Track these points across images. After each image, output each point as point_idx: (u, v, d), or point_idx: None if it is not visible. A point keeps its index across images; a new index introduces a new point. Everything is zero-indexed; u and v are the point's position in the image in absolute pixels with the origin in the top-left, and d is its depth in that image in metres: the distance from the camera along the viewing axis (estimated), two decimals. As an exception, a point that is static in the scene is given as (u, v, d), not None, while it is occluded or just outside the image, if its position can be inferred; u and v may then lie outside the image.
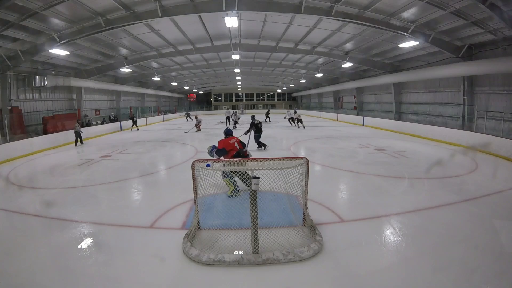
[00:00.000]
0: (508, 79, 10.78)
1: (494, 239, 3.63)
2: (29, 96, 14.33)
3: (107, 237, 3.82)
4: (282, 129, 17.62)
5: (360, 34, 12.59)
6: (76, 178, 6.91)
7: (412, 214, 4.37)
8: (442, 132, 11.87)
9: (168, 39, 14.09)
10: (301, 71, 24.80)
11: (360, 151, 9.73)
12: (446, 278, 2.81)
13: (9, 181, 6.86)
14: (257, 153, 9.55)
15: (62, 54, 12.05)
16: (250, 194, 3.21)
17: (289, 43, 15.64)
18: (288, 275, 2.92)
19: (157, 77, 23.50)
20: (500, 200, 4.96)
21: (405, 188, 5.89)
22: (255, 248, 3.21)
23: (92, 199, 5.38)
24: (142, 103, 27.91)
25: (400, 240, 3.61)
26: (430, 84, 15.41)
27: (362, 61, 17.14)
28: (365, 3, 9.44)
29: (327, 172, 7.19)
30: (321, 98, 33.80)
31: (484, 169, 7.15)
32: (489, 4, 7.80)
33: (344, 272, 2.97)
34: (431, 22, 10.20)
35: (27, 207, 4.95)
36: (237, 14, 9.86)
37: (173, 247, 3.43)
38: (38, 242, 3.71)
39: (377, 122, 17.80)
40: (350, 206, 4.85)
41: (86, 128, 15.83)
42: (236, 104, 45.25)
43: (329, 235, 3.63)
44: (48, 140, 11.84)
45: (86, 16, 9.73)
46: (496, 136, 9.30)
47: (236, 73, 27.28)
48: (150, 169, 7.76)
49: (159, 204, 4.87)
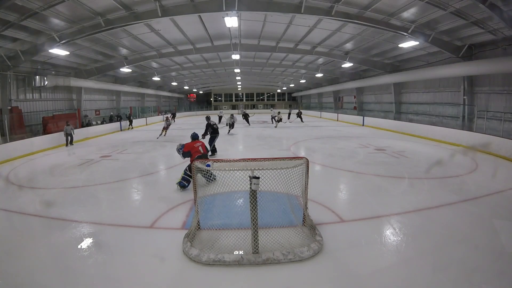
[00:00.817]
0: (508, 79, 10.78)
1: (494, 239, 3.63)
2: (29, 96, 14.32)
3: (107, 237, 3.82)
4: (282, 129, 17.62)
5: (360, 34, 12.59)
6: (76, 178, 6.91)
7: (412, 214, 4.38)
8: (442, 132, 11.87)
9: (168, 39, 14.09)
10: (301, 71, 24.80)
11: (360, 151, 9.73)
12: (446, 278, 2.81)
13: (9, 181, 6.86)
14: (257, 153, 9.54)
15: (62, 54, 12.05)
16: (250, 194, 3.21)
17: (289, 43, 15.64)
18: (288, 275, 2.92)
19: (157, 77, 23.51)
20: (500, 200, 4.96)
21: (405, 188, 5.89)
22: (255, 248, 3.21)
23: (92, 199, 5.38)
24: (142, 103, 27.91)
25: (400, 240, 3.61)
26: (430, 84, 15.41)
27: (362, 61, 17.14)
28: (365, 3, 9.44)
29: (327, 172, 7.19)
30: (321, 98, 33.81)
31: (484, 169, 7.15)
32: (489, 4, 7.79)
33: (344, 272, 2.97)
34: (431, 22, 10.20)
35: (27, 207, 4.95)
36: (237, 14, 9.86)
37: (173, 247, 3.43)
38: (38, 242, 3.71)
39: (377, 122, 17.81)
40: (350, 206, 4.85)
41: (86, 128, 15.85)
42: (236, 104, 45.26)
43: (329, 235, 3.63)
44: (48, 140, 11.84)
45: (86, 16, 9.73)
46: (496, 136, 9.30)
47: (236, 73, 27.28)
48: (150, 169, 7.76)
49: (159, 204, 4.87)
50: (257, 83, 38.40)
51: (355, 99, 24.20)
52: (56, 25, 10.10)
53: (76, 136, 13.91)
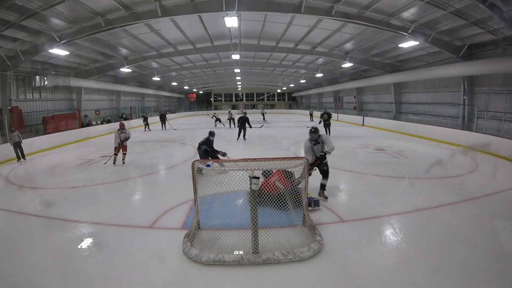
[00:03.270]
0: (508, 79, 10.77)
1: (494, 239, 3.63)
2: (29, 96, 14.31)
3: (107, 237, 3.82)
4: (282, 129, 17.60)
5: (360, 34, 12.59)
6: (76, 178, 6.91)
7: (412, 214, 4.37)
8: (442, 132, 11.87)
9: (168, 39, 14.09)
10: (301, 71, 24.80)
11: (360, 151, 9.73)
12: (446, 278, 2.80)
13: (9, 181, 6.86)
14: (257, 153, 9.54)
15: (62, 54, 12.04)
16: (250, 194, 3.21)
17: (289, 43, 15.63)
18: (288, 275, 2.92)
19: (157, 77, 23.51)
20: (500, 200, 4.96)
21: (405, 188, 5.89)
22: (255, 248, 3.21)
23: (92, 199, 5.38)
24: (142, 103, 27.90)
25: (400, 240, 3.61)
26: (430, 84, 15.40)
27: (362, 61, 17.14)
28: (365, 3, 9.43)
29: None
30: (321, 98, 33.77)
31: (484, 169, 7.15)
32: (489, 4, 7.79)
33: (344, 272, 2.97)
34: (431, 22, 10.20)
35: (27, 207, 4.95)
36: (237, 14, 9.85)
37: (173, 247, 3.43)
38: (38, 242, 3.71)
39: (377, 122, 17.80)
40: (350, 206, 4.84)
41: (86, 128, 15.85)
42: (236, 104, 45.26)
43: (329, 235, 3.63)
44: (48, 140, 11.84)
45: (86, 16, 9.73)
46: (496, 136, 9.31)
47: (236, 73, 27.28)
48: (150, 169, 7.75)
49: (159, 204, 4.87)
50: (257, 83, 38.40)
51: (355, 99, 24.19)
52: (56, 25, 10.10)
53: (77, 136, 13.91)
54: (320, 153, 4.97)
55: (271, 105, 44.01)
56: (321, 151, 4.99)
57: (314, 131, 4.96)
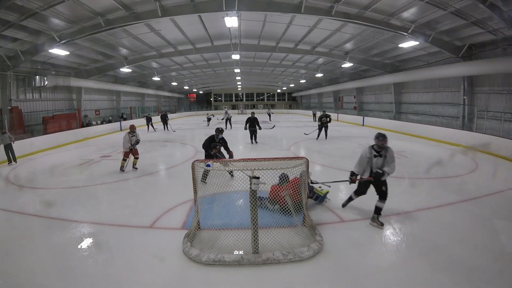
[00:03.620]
0: (508, 79, 10.77)
1: (494, 239, 3.63)
2: (29, 96, 14.32)
3: (107, 237, 3.82)
4: (282, 129, 17.59)
5: (360, 34, 12.59)
6: (76, 178, 6.91)
7: (412, 214, 4.38)
8: (442, 132, 11.87)
9: (168, 39, 14.09)
10: (301, 71, 24.79)
11: (360, 151, 9.71)
12: (446, 278, 2.81)
13: (9, 181, 6.86)
14: (257, 153, 9.54)
15: (62, 54, 12.04)
16: (250, 194, 3.21)
17: (289, 43, 15.63)
18: (288, 275, 2.92)
19: (157, 77, 23.51)
20: (500, 200, 4.96)
21: (405, 188, 5.88)
22: (255, 248, 3.21)
23: (92, 199, 5.38)
24: (142, 103, 27.90)
25: (400, 240, 3.62)
26: (430, 84, 15.41)
27: (362, 61, 17.14)
28: (365, 3, 9.43)
29: (327, 172, 7.19)
30: (321, 98, 33.78)
31: (484, 169, 7.15)
32: (489, 4, 7.79)
33: (344, 272, 2.97)
34: (431, 22, 10.19)
35: (27, 207, 4.95)
36: (237, 14, 9.85)
37: (173, 247, 3.43)
38: (38, 242, 3.71)
39: (377, 122, 17.80)
40: (350, 206, 4.84)
41: (86, 128, 15.85)
42: (236, 104, 45.25)
43: (329, 235, 3.63)
44: (48, 140, 11.84)
45: (86, 16, 9.73)
46: (496, 136, 9.30)
47: (236, 73, 27.27)
48: (150, 169, 7.75)
49: (159, 204, 4.87)
50: (257, 83, 38.39)
51: (355, 99, 24.20)
52: (56, 25, 10.10)
53: (76, 136, 13.90)
54: (377, 170, 4.02)
55: (271, 105, 43.97)
56: (380, 167, 4.02)
57: (382, 137, 4.11)
